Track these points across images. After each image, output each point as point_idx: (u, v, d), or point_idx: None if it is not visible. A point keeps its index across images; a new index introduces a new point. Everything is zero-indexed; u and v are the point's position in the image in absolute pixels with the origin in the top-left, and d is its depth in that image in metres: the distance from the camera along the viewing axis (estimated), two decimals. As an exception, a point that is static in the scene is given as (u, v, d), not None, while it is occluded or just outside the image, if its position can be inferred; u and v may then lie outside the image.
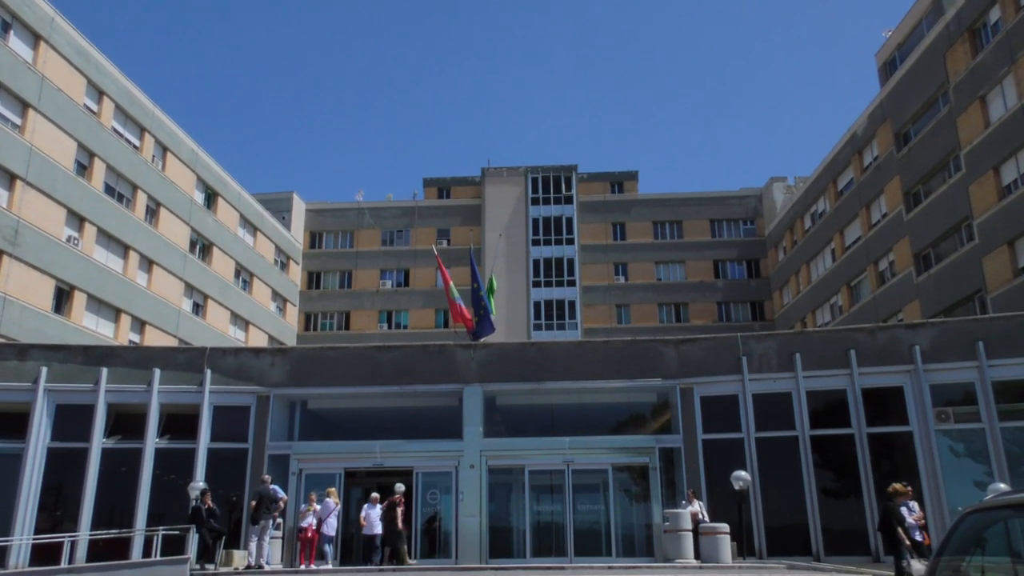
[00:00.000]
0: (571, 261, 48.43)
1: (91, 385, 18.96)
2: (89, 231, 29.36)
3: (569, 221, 49.23)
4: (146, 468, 18.55)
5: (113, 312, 30.53)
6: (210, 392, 19.13)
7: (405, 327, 48.07)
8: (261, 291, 43.29)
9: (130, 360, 19.64)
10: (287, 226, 47.79)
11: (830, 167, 39.39)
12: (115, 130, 31.29)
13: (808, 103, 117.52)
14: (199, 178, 37.34)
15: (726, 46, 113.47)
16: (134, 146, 32.41)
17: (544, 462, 18.86)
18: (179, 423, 19.16)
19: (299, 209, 49.86)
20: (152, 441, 18.79)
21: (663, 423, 20.33)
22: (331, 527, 16.79)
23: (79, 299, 28.60)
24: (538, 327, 47.03)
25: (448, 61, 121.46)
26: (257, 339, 41.64)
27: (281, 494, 16.41)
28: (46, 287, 27.06)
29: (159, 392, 19.07)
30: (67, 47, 28.53)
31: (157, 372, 19.19)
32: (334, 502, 17.03)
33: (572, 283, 47.98)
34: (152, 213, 33.56)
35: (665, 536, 16.15)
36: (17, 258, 25.66)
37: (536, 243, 48.93)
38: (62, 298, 28.09)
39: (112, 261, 30.74)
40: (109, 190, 30.75)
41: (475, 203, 50.81)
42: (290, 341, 45.49)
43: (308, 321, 48.85)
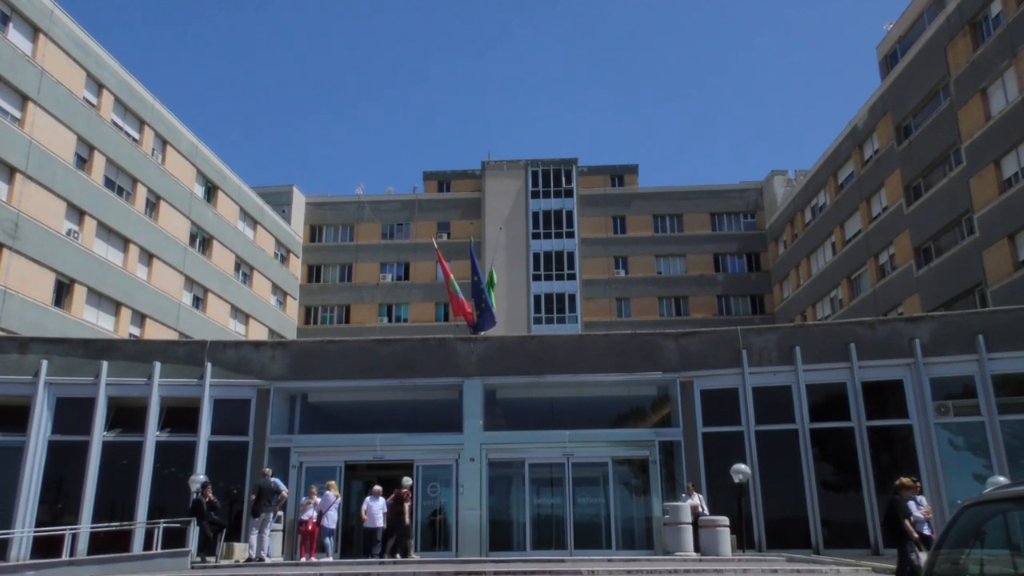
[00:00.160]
0: (571, 254, 48.40)
1: (91, 378, 18.99)
2: (89, 224, 29.35)
3: (569, 214, 49.19)
4: (147, 461, 18.59)
5: (113, 305, 30.55)
6: (210, 385, 19.14)
7: (405, 320, 48.08)
8: (261, 284, 43.31)
9: (130, 353, 19.66)
10: (287, 219, 47.75)
11: (831, 160, 39.33)
12: (115, 123, 31.25)
13: (809, 96, 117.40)
14: (199, 171, 37.32)
15: (727, 39, 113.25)
16: (134, 139, 32.37)
17: (544, 455, 18.88)
18: (180, 416, 19.19)
19: (299, 202, 49.82)
20: (153, 434, 18.82)
21: (663, 416, 20.35)
22: (332, 520, 16.82)
23: (79, 292, 28.62)
24: (538, 320, 47.03)
25: (448, 54, 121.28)
26: (257, 332, 41.67)
27: (282, 487, 16.43)
28: (46, 280, 27.07)
29: (159, 385, 19.09)
30: (66, 40, 28.46)
31: (157, 365, 19.20)
32: (334, 495, 17.05)
33: (572, 276, 47.96)
34: (152, 206, 33.54)
35: (665, 529, 16.15)
36: (17, 251, 25.67)
37: (536, 236, 48.90)
38: (62, 291, 28.10)
39: (112, 254, 30.74)
40: (109, 183, 30.73)
41: (475, 196, 50.75)
42: (290, 334, 45.52)
43: (308, 314, 48.86)
